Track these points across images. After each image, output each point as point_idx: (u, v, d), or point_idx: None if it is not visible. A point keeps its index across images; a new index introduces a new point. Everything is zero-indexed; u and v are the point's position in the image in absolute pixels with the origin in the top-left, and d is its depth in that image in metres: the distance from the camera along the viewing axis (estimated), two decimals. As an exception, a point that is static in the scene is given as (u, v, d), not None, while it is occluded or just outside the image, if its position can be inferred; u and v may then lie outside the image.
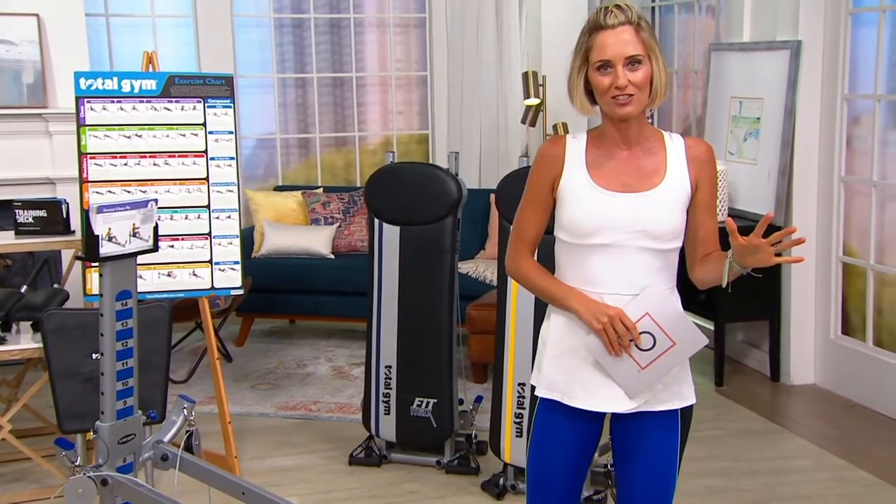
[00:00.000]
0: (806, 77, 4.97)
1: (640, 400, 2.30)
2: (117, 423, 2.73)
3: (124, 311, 2.70)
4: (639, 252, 2.26)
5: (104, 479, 2.68)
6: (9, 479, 4.13)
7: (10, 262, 5.81)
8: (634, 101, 2.21)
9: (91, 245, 2.60)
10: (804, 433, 4.50)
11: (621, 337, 2.22)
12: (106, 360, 2.69)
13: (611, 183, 2.29)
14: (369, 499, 3.89)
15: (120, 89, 4.05)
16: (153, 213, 2.73)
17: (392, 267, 4.10)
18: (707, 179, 2.33)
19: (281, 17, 6.92)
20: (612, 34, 2.20)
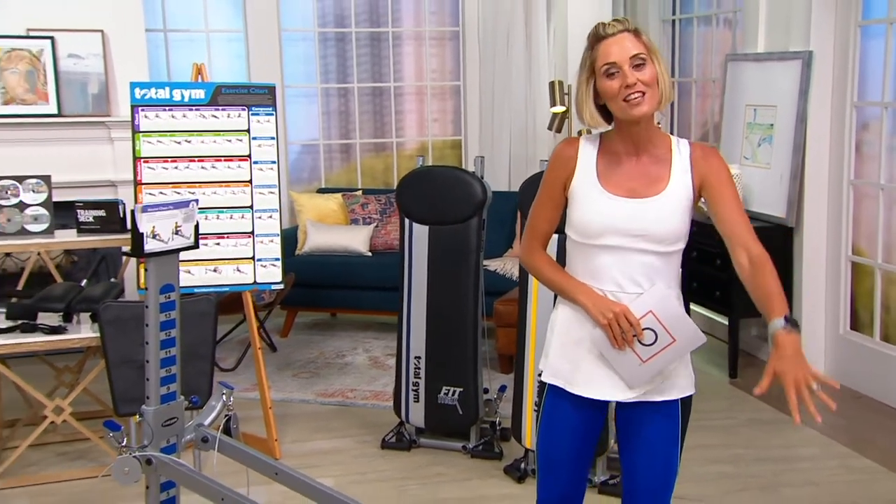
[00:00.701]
0: (817, 85, 4.90)
1: (640, 391, 2.29)
2: (161, 408, 2.74)
3: (168, 304, 2.72)
4: (641, 254, 2.25)
5: (149, 458, 2.69)
6: (71, 458, 4.19)
7: (76, 258, 5.89)
8: (647, 99, 2.18)
9: (136, 242, 2.62)
10: (812, 423, 4.41)
11: (625, 332, 2.22)
12: (151, 349, 2.71)
13: (618, 188, 2.27)
14: (399, 480, 3.90)
15: (171, 98, 4.10)
16: (194, 213, 2.75)
17: (421, 264, 4.10)
18: (715, 177, 2.27)
19: (325, 31, 6.95)
20: (614, 40, 2.20)
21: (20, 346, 3.88)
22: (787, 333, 2.11)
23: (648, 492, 2.37)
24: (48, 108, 5.75)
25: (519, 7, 6.76)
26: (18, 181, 4.32)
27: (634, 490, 2.39)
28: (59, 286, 4.21)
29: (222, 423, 2.92)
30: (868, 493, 3.71)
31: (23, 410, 4.55)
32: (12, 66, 5.68)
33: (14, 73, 5.69)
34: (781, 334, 2.11)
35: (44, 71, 5.73)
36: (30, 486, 3.88)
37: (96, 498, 3.75)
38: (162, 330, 2.71)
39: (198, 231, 2.78)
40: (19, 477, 3.94)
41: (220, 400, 2.93)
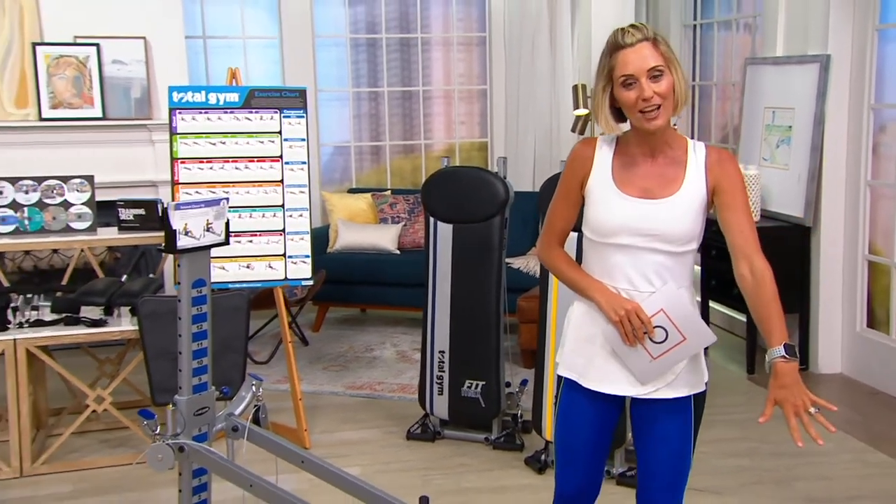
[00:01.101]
0: (835, 88, 4.83)
1: (651, 387, 2.27)
2: (193, 397, 2.75)
3: (199, 298, 2.73)
4: (654, 253, 2.23)
5: (181, 446, 2.71)
6: (112, 445, 4.23)
7: (119, 255, 5.96)
8: (662, 112, 2.17)
9: (169, 238, 2.64)
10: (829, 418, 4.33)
11: (636, 329, 2.20)
12: (183, 341, 2.72)
13: (632, 189, 2.25)
14: (424, 470, 3.89)
15: (207, 101, 4.13)
16: (224, 211, 2.76)
17: (446, 261, 4.10)
18: (728, 183, 2.23)
19: (356, 37, 6.97)
20: (632, 51, 2.16)
21: (64, 338, 3.93)
22: (786, 362, 2.14)
23: (663, 484, 2.35)
24: (93, 111, 5.82)
25: (544, 13, 6.74)
26: (63, 181, 4.37)
27: (649, 483, 2.36)
28: (100, 281, 4.25)
29: (251, 412, 2.94)
30: (881, 487, 3.65)
31: (67, 400, 4.61)
32: (60, 72, 5.75)
33: (62, 78, 5.76)
34: (780, 363, 2.14)
35: (89, 76, 5.79)
36: (73, 472, 3.93)
37: (134, 483, 3.79)
38: (194, 323, 2.73)
39: (228, 228, 2.79)
40: (63, 462, 3.99)
41: (250, 391, 2.94)
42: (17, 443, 3.87)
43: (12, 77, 5.70)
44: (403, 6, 7.00)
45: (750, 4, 5.86)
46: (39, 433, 4.28)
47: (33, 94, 5.71)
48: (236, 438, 2.87)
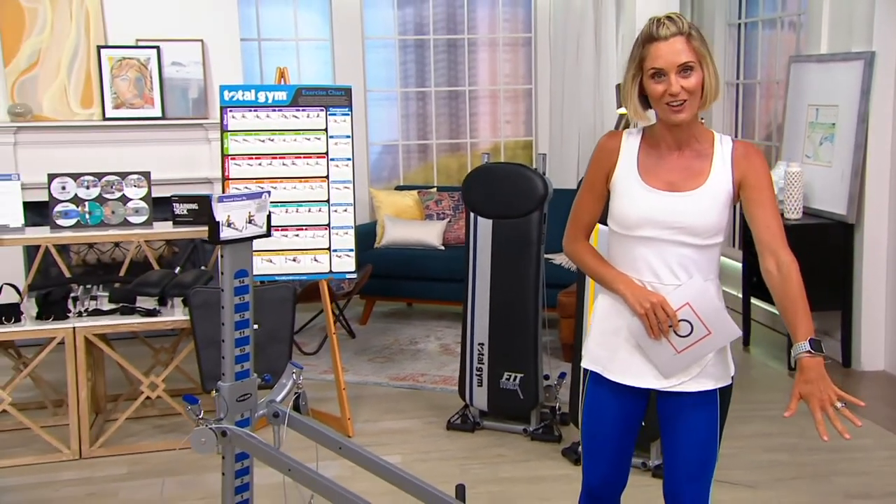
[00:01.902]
0: (879, 85, 4.70)
1: (675, 380, 2.23)
2: (236, 384, 2.77)
3: (241, 288, 2.75)
4: (679, 246, 2.17)
5: (224, 430, 2.73)
6: (165, 430, 4.30)
7: (176, 248, 6.05)
8: (687, 106, 2.12)
9: (213, 230, 2.66)
10: (869, 415, 4.25)
11: (661, 322, 2.16)
12: (226, 329, 2.74)
13: (657, 182, 2.20)
14: (462, 460, 3.88)
15: (256, 100, 4.16)
16: (266, 204, 2.78)
17: (485, 256, 4.08)
18: (755, 177, 2.17)
19: (405, 39, 6.98)
20: (665, 44, 2.10)
21: (119, 327, 4.01)
22: (812, 357, 2.07)
23: (689, 476, 2.29)
24: (153, 111, 5.91)
25: (589, 14, 6.67)
26: (122, 177, 4.44)
27: (675, 475, 2.31)
28: (154, 273, 4.32)
29: (292, 400, 2.96)
30: (921, 485, 3.55)
31: (125, 387, 4.70)
32: (123, 74, 5.86)
33: (124, 79, 5.86)
34: (806, 358, 2.08)
35: (150, 78, 5.88)
36: (128, 455, 4.01)
37: (184, 467, 3.84)
38: (236, 312, 2.75)
39: (270, 221, 2.80)
40: (119, 446, 4.07)
41: (291, 378, 2.96)
42: (77, 426, 3.96)
43: (78, 78, 5.83)
44: (451, 8, 7.00)
45: (795, 2, 5.73)
46: (98, 418, 4.37)
47: (97, 94, 5.83)
48: (277, 424, 2.89)
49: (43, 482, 3.74)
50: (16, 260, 5.67)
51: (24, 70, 5.73)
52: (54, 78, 5.79)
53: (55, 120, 5.78)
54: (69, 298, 4.09)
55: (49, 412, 4.45)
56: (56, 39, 5.77)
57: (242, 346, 2.80)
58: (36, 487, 3.69)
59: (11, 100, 5.71)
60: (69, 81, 5.81)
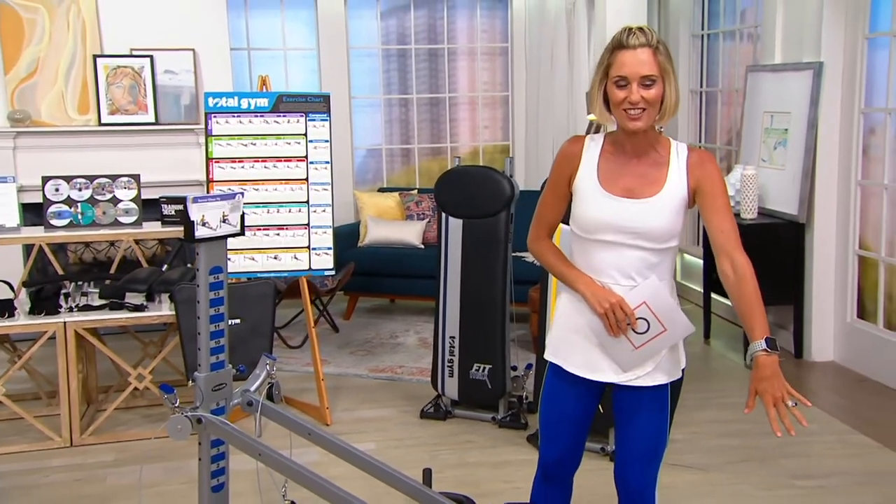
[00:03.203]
0: (827, 93, 4.75)
1: (632, 375, 2.25)
2: (211, 374, 2.78)
3: (216, 284, 2.76)
4: (636, 250, 2.19)
5: (199, 418, 2.75)
6: (153, 420, 4.31)
7: (169, 247, 6.06)
8: (644, 116, 2.12)
9: (188, 229, 2.68)
10: (817, 403, 4.30)
11: (619, 321, 2.18)
12: (201, 323, 2.75)
13: (616, 188, 2.20)
14: (433, 446, 3.91)
15: (239, 106, 4.19)
16: (240, 204, 2.79)
17: (456, 254, 4.11)
18: (709, 184, 2.17)
19: (388, 48, 7.00)
20: (632, 54, 2.10)
21: (108, 321, 4.02)
22: (767, 355, 2.09)
23: (638, 464, 2.33)
24: (147, 117, 5.93)
25: (562, 25, 6.71)
26: (112, 180, 4.45)
27: (626, 461, 2.35)
28: (142, 270, 4.33)
29: (266, 389, 2.98)
30: (858, 466, 3.60)
31: (116, 378, 4.71)
32: (118, 81, 5.87)
33: (119, 87, 5.87)
34: (762, 356, 2.09)
35: (144, 85, 5.90)
36: (116, 443, 4.02)
37: (169, 454, 3.86)
38: (211, 306, 2.76)
39: (243, 220, 2.82)
40: (108, 434, 4.08)
41: (265, 369, 2.98)
42: (68, 416, 3.97)
43: (75, 86, 5.83)
44: (431, 19, 7.02)
45: (752, 15, 5.77)
46: (90, 408, 4.38)
47: (94, 101, 5.84)
48: (251, 413, 2.91)
49: (34, 468, 3.75)
50: (15, 258, 5.67)
51: (24, 78, 5.74)
52: (52, 85, 5.79)
53: (53, 125, 5.78)
54: (61, 294, 4.11)
55: (43, 402, 4.47)
56: (54, 48, 5.77)
57: (217, 339, 2.81)
58: (27, 473, 3.71)
59: (11, 106, 5.72)
60: (66, 88, 5.82)
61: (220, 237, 2.76)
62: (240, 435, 2.76)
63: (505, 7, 7.06)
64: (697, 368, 4.91)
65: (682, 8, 6.50)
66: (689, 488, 3.41)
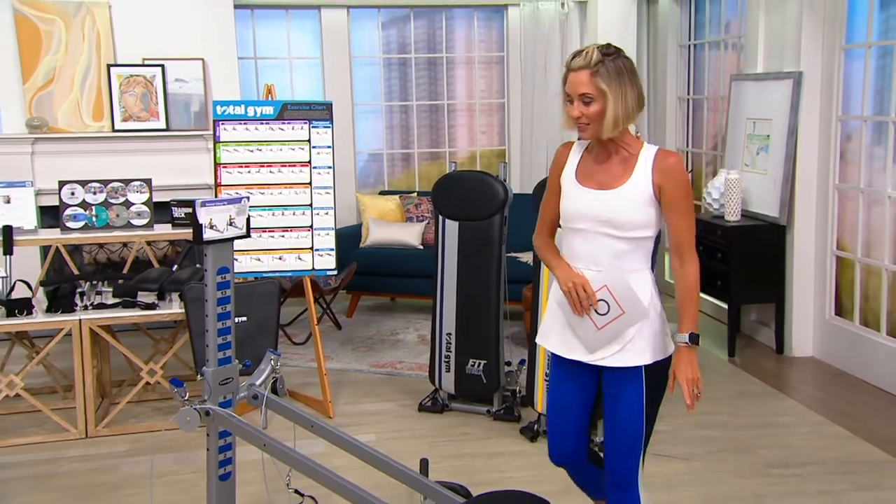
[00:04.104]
0: (806, 101, 4.79)
1: (598, 355, 2.34)
2: (219, 369, 2.83)
3: (223, 283, 2.81)
4: (604, 237, 2.30)
5: (207, 410, 2.79)
6: (164, 413, 4.36)
7: (179, 249, 6.11)
8: (590, 129, 2.27)
9: (197, 231, 2.73)
10: (795, 396, 4.35)
11: (581, 300, 2.30)
12: (209, 320, 2.80)
13: (589, 181, 2.35)
14: (431, 438, 3.96)
15: (246, 114, 4.24)
16: (245, 208, 2.84)
17: (452, 255, 4.16)
18: (670, 184, 2.26)
19: (389, 57, 7.05)
20: (574, 75, 2.25)
21: (121, 319, 4.07)
22: (687, 348, 2.31)
23: (621, 444, 2.38)
24: (158, 123, 5.97)
25: (556, 35, 6.76)
26: (125, 184, 4.51)
27: (610, 442, 2.41)
28: (154, 271, 4.37)
29: (270, 383, 3.03)
30: (832, 455, 3.64)
31: (128, 373, 4.77)
32: (130, 89, 5.91)
33: (132, 95, 5.92)
34: (682, 347, 2.32)
35: (155, 93, 5.94)
36: (129, 434, 4.07)
37: (180, 445, 3.91)
38: (219, 305, 2.81)
39: (249, 223, 2.87)
40: (121, 426, 4.13)
41: (269, 364, 3.03)
42: (83, 409, 4.02)
43: (90, 94, 5.88)
44: (430, 29, 7.07)
45: (736, 27, 5.82)
46: (104, 401, 4.44)
47: (107, 108, 5.88)
48: (257, 406, 2.96)
49: (51, 458, 3.80)
50: (32, 259, 5.72)
51: (41, 86, 5.79)
52: (68, 93, 5.84)
53: (69, 132, 5.83)
54: (76, 293, 4.16)
55: (59, 396, 4.52)
56: (70, 58, 5.82)
57: (224, 336, 2.86)
58: (45, 463, 3.76)
59: (29, 113, 5.77)
60: (82, 96, 5.87)
61: (226, 239, 2.81)
62: (246, 427, 2.81)
63: (501, 18, 7.11)
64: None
65: (669, 19, 6.55)
66: (672, 476, 3.46)
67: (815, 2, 4.72)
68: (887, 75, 4.41)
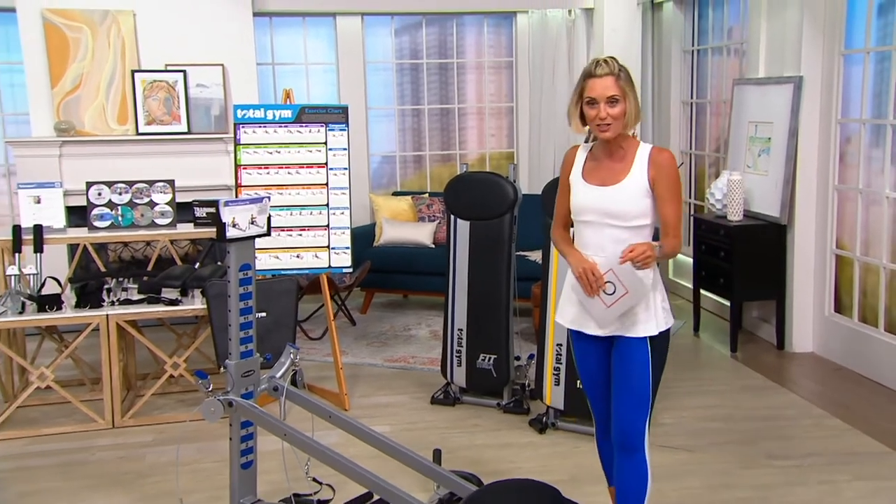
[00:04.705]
0: (807, 105, 4.80)
1: (609, 329, 2.53)
2: (241, 362, 2.87)
3: (245, 280, 2.86)
4: (609, 227, 2.50)
5: (230, 401, 2.84)
6: (187, 404, 4.39)
7: (200, 247, 6.16)
8: (611, 128, 2.47)
9: (220, 230, 2.77)
10: (796, 390, 4.36)
11: (591, 283, 2.47)
12: (232, 315, 2.85)
13: (593, 179, 2.55)
14: (443, 429, 3.98)
15: (265, 117, 4.27)
16: (266, 207, 2.89)
17: (464, 253, 4.18)
18: (663, 177, 2.47)
19: (401, 63, 7.08)
20: (600, 81, 2.46)
21: (146, 314, 4.11)
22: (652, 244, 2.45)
23: (630, 405, 2.51)
24: (180, 127, 6.03)
25: (563, 41, 6.78)
26: (149, 185, 4.56)
27: (619, 405, 2.53)
28: (177, 268, 4.42)
29: (290, 376, 3.07)
30: (832, 446, 3.65)
31: (152, 366, 4.82)
32: (154, 94, 5.97)
33: (155, 99, 5.98)
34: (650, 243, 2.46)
35: (177, 97, 6.00)
36: (154, 425, 4.11)
37: (202, 435, 3.95)
38: (241, 300, 2.86)
39: (269, 222, 2.91)
40: (147, 417, 4.18)
41: (289, 357, 3.07)
42: (110, 400, 4.07)
43: (115, 99, 5.94)
44: (441, 36, 7.10)
45: (738, 33, 5.82)
46: (129, 393, 4.48)
47: (132, 112, 5.94)
48: (277, 397, 3.01)
49: (81, 447, 3.85)
50: (60, 257, 5.79)
51: (69, 91, 5.85)
52: (94, 98, 5.90)
53: (95, 135, 5.89)
54: (103, 290, 4.20)
55: (87, 388, 4.57)
56: (96, 65, 5.88)
57: (246, 330, 2.90)
58: (75, 451, 3.81)
59: (57, 117, 5.83)
60: (107, 101, 5.93)
61: (249, 237, 2.86)
62: (267, 417, 2.85)
63: (510, 24, 7.13)
64: (687, 359, 4.97)
65: (673, 26, 6.55)
66: (676, 467, 3.47)
67: (815, 8, 4.72)
68: (885, 79, 4.41)
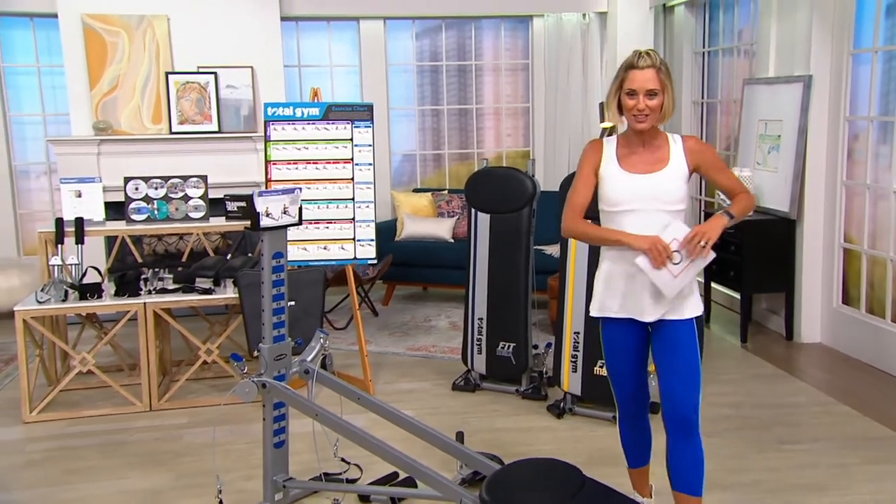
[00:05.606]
0: (816, 103, 4.76)
1: (660, 313, 2.49)
2: (273, 346, 2.90)
3: (278, 267, 2.88)
4: (654, 213, 2.47)
5: (264, 383, 2.87)
6: (220, 389, 4.42)
7: (230, 241, 6.19)
8: (649, 119, 2.46)
9: (254, 220, 2.79)
10: (805, 378, 4.33)
11: (660, 254, 2.41)
12: (266, 301, 2.87)
13: (634, 168, 2.51)
14: (464, 414, 3.99)
15: (294, 115, 4.29)
16: (298, 198, 2.90)
17: (484, 245, 4.18)
18: (706, 155, 2.52)
19: (422, 65, 7.08)
20: (641, 73, 2.43)
21: (181, 303, 4.14)
22: (719, 216, 2.47)
23: (683, 386, 2.47)
24: (211, 126, 6.06)
25: (577, 44, 6.75)
26: (183, 180, 4.59)
27: (673, 388, 2.48)
28: (210, 259, 4.45)
29: (320, 360, 3.09)
30: (840, 432, 3.63)
31: (186, 353, 4.85)
32: (186, 95, 6.01)
33: (187, 100, 6.01)
34: (716, 214, 2.48)
35: (209, 98, 6.03)
36: (188, 408, 4.14)
37: (235, 417, 3.98)
38: (274, 287, 2.88)
39: (301, 212, 2.93)
40: (181, 400, 4.21)
41: (319, 342, 3.08)
42: (147, 385, 4.11)
43: (150, 99, 5.98)
44: (460, 38, 7.09)
45: (748, 34, 5.78)
46: (165, 378, 4.52)
47: (165, 112, 5.98)
48: (307, 380, 3.02)
49: (121, 428, 3.89)
50: (98, 249, 5.84)
51: (106, 92, 5.90)
52: (130, 99, 5.95)
53: (131, 134, 5.94)
54: (141, 280, 4.24)
55: (125, 373, 4.61)
56: (132, 67, 5.93)
57: (279, 315, 2.93)
58: (116, 433, 3.84)
59: (95, 117, 5.88)
60: (142, 102, 5.97)
61: (281, 226, 2.88)
62: (299, 398, 2.87)
63: (526, 28, 7.11)
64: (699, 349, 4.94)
65: (685, 28, 6.52)
66: (690, 451, 3.45)
67: (824, 9, 4.68)
68: (893, 78, 4.36)
